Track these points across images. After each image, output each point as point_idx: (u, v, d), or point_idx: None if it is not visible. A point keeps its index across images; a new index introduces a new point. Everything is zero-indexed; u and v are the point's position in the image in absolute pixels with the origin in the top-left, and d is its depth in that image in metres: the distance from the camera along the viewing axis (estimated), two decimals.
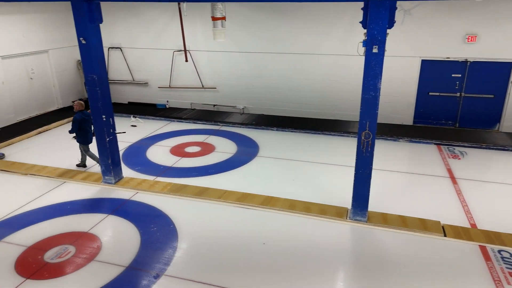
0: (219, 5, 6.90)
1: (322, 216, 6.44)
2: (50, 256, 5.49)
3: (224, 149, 9.62)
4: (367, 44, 5.34)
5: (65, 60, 12.80)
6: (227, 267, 5.30)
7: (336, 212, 6.52)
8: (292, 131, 10.86)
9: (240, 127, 11.28)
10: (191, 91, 12.75)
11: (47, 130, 10.91)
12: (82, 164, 8.46)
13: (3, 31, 10.61)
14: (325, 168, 8.48)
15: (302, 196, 7.12)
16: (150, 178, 7.96)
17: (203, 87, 12.55)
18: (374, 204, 6.56)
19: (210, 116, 11.99)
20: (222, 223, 6.36)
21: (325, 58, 11.12)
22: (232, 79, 12.20)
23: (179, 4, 11.07)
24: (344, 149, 9.46)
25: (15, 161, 8.66)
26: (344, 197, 6.87)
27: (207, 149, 9.63)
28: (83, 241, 5.83)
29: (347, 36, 10.67)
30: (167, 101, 13.08)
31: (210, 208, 6.82)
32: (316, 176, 8.07)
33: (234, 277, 5.10)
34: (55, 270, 5.20)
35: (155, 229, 6.15)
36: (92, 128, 7.92)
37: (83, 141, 8.12)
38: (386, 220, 6.29)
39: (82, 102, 8.13)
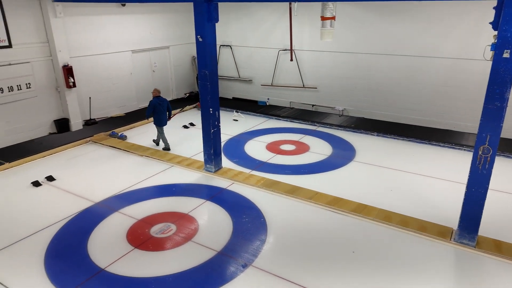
0: (330, 4, 6.78)
1: (422, 233, 5.92)
2: (155, 230, 6.14)
3: (319, 150, 9.51)
4: (497, 48, 4.70)
5: (182, 56, 14.13)
6: (313, 269, 5.25)
7: (438, 231, 5.93)
8: (394, 138, 10.20)
9: (338, 129, 11.02)
10: (291, 90, 12.90)
11: None
12: (157, 143, 9.72)
13: (135, 29, 12.17)
14: (429, 182, 7.76)
15: (400, 208, 6.65)
16: (246, 170, 8.31)
17: (303, 86, 12.58)
18: (486, 228, 5.78)
19: (308, 116, 11.96)
20: (311, 224, 6.32)
21: (440, 61, 10.14)
22: (334, 79, 11.97)
23: (290, 4, 11.25)
24: (454, 163, 8.53)
25: (134, 143, 9.89)
26: (449, 216, 6.22)
27: (302, 148, 9.64)
28: (183, 221, 6.38)
29: (469, 38, 9.56)
30: (268, 99, 13.46)
31: (300, 207, 6.83)
32: (418, 189, 7.45)
33: (320, 281, 5.03)
34: (158, 244, 5.80)
35: (247, 220, 6.41)
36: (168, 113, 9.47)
37: (157, 123, 9.26)
38: (500, 248, 5.49)
39: (159, 89, 9.35)
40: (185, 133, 10.89)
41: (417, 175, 8.07)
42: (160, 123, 9.30)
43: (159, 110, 9.14)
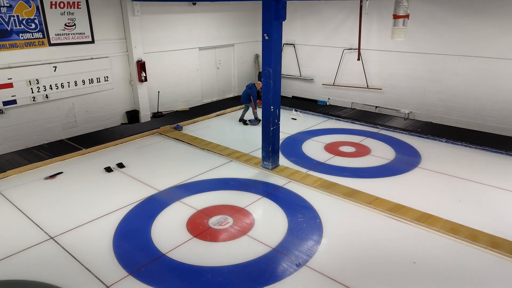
0: (404, 2, 6.46)
1: (493, 250, 5.45)
2: (213, 222, 6.36)
3: (381, 154, 9.14)
4: None
5: (245, 54, 14.40)
6: (370, 276, 5.09)
7: None
8: (465, 146, 9.47)
9: (402, 133, 10.50)
10: (354, 90, 12.53)
11: (223, 114, 12.58)
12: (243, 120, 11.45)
13: (203, 27, 12.64)
14: (504, 195, 7.11)
15: (469, 221, 6.18)
16: (303, 170, 8.26)
17: (367, 87, 12.16)
18: None
19: (370, 118, 11.55)
20: (370, 230, 6.11)
21: None
22: (401, 81, 11.41)
23: (360, 2, 10.92)
24: None
25: (197, 137, 10.30)
26: None
27: (362, 151, 9.34)
28: (239, 215, 6.54)
29: None
30: (328, 98, 13.21)
31: (359, 211, 6.64)
32: (490, 202, 6.87)
33: None
34: (215, 235, 6.01)
35: (302, 220, 6.38)
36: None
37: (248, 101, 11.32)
38: None
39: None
40: (243, 130, 11.12)
41: (490, 187, 7.43)
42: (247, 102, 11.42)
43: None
